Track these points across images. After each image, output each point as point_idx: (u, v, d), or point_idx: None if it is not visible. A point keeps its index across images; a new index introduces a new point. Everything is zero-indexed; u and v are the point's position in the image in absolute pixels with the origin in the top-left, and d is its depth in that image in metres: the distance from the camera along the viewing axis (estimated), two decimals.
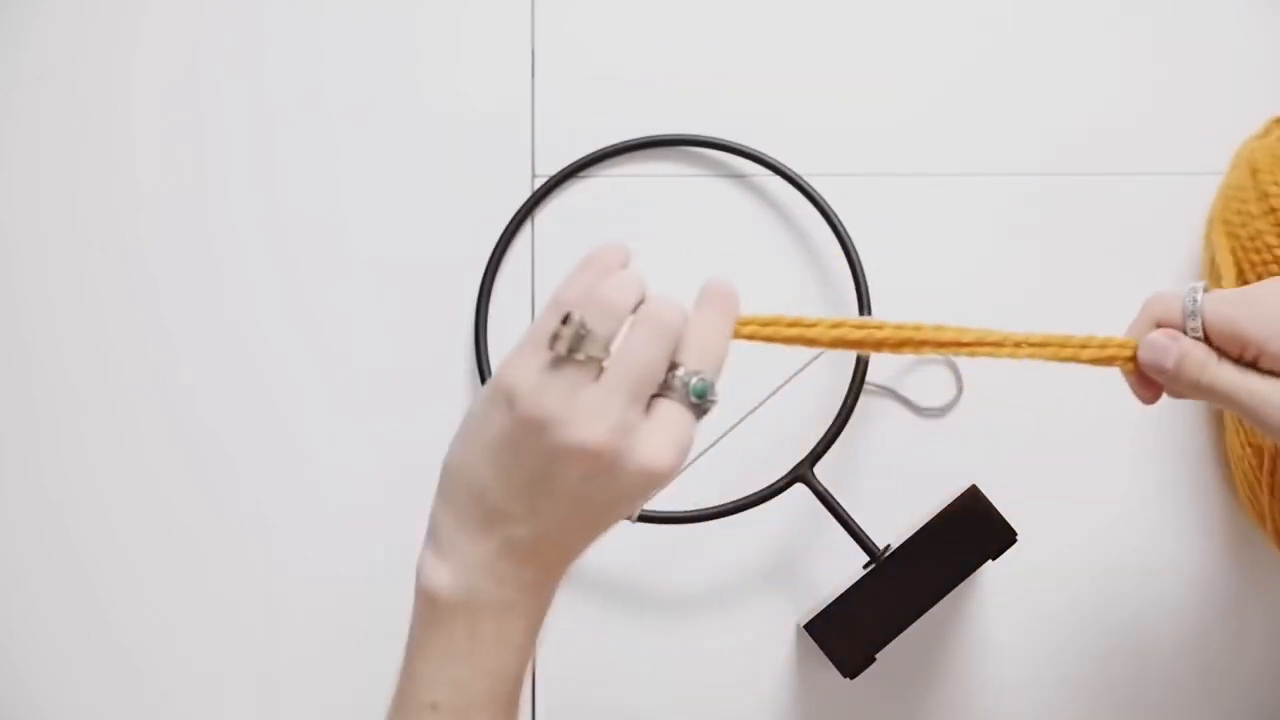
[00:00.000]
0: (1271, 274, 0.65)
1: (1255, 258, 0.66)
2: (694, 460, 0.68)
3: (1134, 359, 0.55)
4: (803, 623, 0.67)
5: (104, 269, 0.75)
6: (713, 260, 0.74)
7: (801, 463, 0.69)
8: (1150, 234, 0.74)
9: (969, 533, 0.65)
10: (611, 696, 0.73)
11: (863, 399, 0.70)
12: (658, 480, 0.48)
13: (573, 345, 0.47)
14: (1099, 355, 0.55)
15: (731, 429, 0.69)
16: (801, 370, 0.70)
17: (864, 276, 0.71)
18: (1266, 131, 0.71)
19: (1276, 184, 0.66)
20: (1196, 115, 0.75)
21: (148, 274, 0.75)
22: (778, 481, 0.70)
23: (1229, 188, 0.70)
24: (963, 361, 0.73)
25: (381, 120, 0.75)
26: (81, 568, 0.73)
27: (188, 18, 0.76)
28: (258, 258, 0.75)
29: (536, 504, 0.48)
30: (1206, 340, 0.53)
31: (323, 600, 0.73)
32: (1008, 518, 0.65)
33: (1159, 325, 0.54)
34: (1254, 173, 0.68)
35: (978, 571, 0.65)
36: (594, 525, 0.50)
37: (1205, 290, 0.54)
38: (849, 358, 0.71)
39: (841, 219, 0.72)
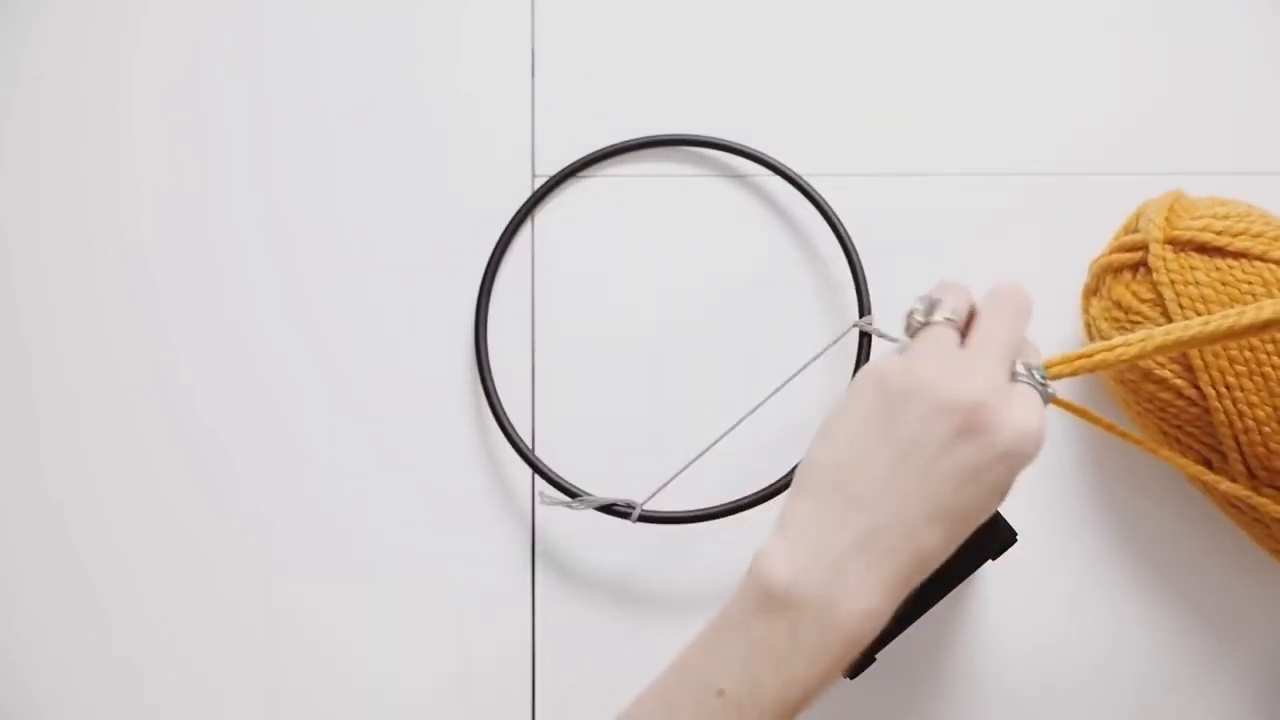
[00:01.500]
0: (1185, 423, 0.65)
1: (1163, 415, 0.66)
2: (694, 460, 0.68)
3: None
4: None
5: (104, 269, 0.75)
6: (713, 260, 0.74)
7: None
8: None
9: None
10: (611, 696, 0.73)
11: None
12: (1030, 442, 0.48)
13: (928, 310, 0.52)
14: None
15: (731, 429, 0.69)
16: (802, 370, 0.70)
17: (864, 276, 0.72)
18: (1095, 287, 0.69)
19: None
20: (1196, 115, 0.75)
21: (148, 274, 0.75)
22: (778, 481, 0.70)
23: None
24: None
25: (381, 120, 0.75)
26: (81, 568, 0.73)
27: (188, 18, 0.76)
28: (258, 257, 0.75)
29: (902, 483, 0.48)
30: None
31: (322, 600, 0.73)
32: (1008, 518, 0.65)
33: None
34: (1126, 312, 0.67)
35: (978, 571, 0.65)
36: (955, 514, 0.49)
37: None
38: (849, 357, 0.71)
39: (841, 219, 0.72)
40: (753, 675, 0.49)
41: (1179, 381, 0.65)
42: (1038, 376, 0.51)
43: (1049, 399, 0.52)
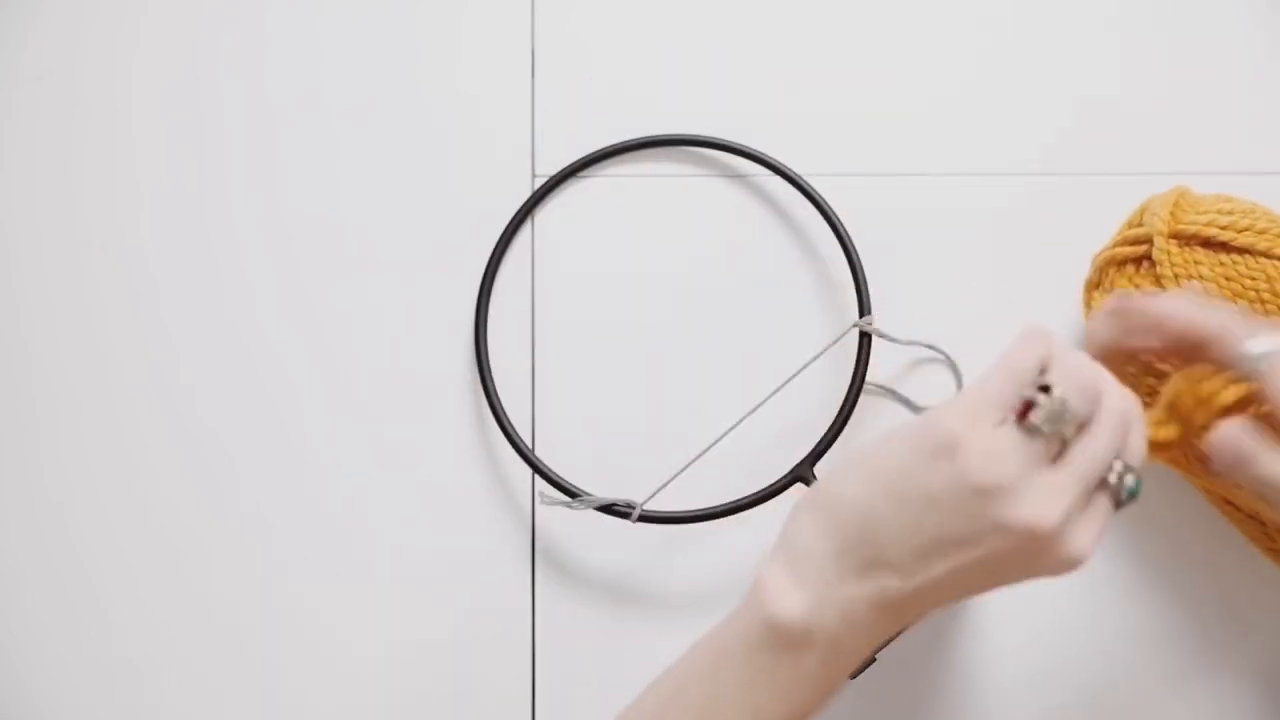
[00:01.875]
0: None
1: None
2: (694, 460, 0.68)
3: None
4: None
5: (104, 269, 0.75)
6: (713, 260, 0.74)
7: (801, 463, 0.69)
8: None
9: None
10: (612, 696, 0.73)
11: (863, 399, 0.70)
12: (1072, 569, 0.46)
13: (1051, 419, 0.45)
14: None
15: (731, 429, 0.69)
16: (802, 370, 0.70)
17: (864, 276, 0.71)
18: (1097, 280, 0.68)
19: None
20: (1197, 115, 0.75)
21: (148, 274, 0.75)
22: (778, 481, 0.70)
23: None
24: (963, 362, 0.73)
25: (381, 120, 0.75)
26: (81, 568, 0.73)
27: (188, 18, 0.76)
28: (257, 257, 0.75)
29: (934, 563, 0.46)
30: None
31: (322, 599, 0.73)
32: None
33: None
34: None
35: None
36: (971, 594, 0.48)
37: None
38: (849, 357, 0.71)
39: (841, 219, 0.72)
40: (755, 703, 0.48)
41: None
42: (1130, 486, 0.47)
43: (1135, 497, 0.49)
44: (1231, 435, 0.50)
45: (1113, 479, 0.47)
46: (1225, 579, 0.72)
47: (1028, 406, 0.45)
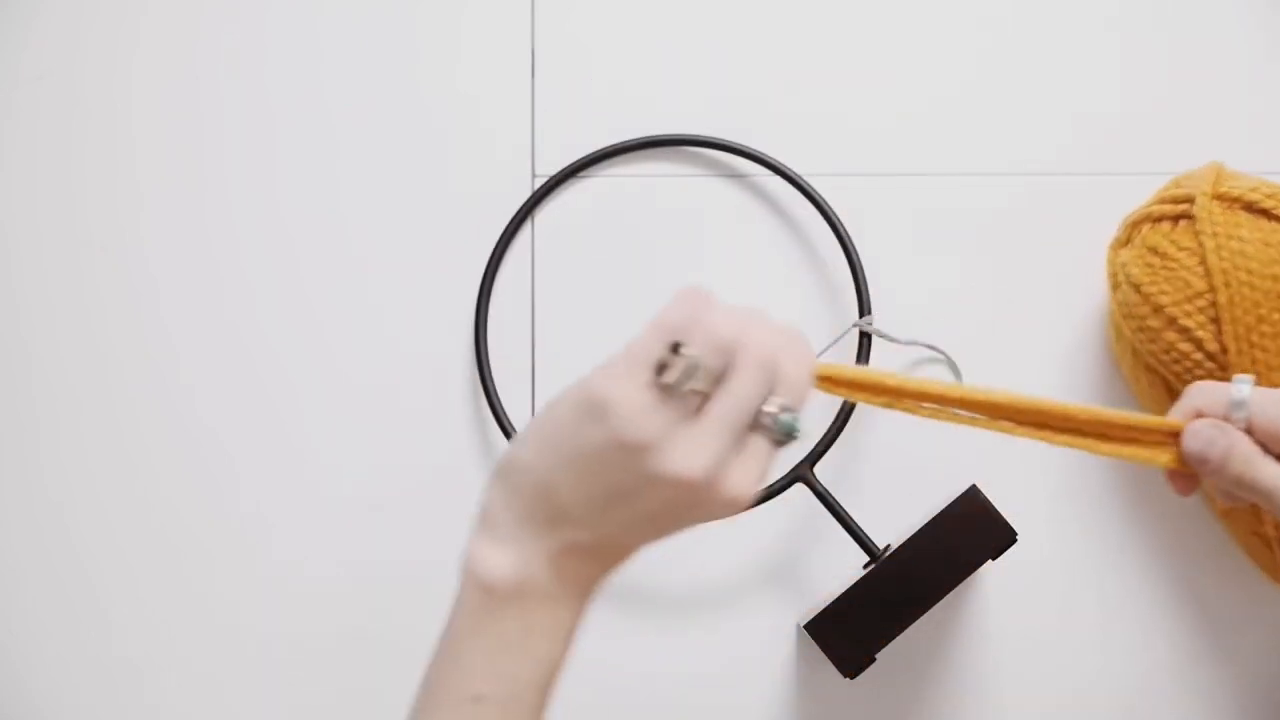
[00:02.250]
0: (1198, 379, 0.64)
1: (1177, 368, 0.65)
2: None
3: (1177, 448, 0.53)
4: (803, 623, 0.67)
5: (104, 269, 0.75)
6: (713, 260, 0.74)
7: (801, 463, 0.69)
8: None
9: (969, 533, 0.65)
10: (612, 696, 0.73)
11: None
12: (738, 509, 0.49)
13: (683, 377, 0.47)
14: (1141, 439, 0.53)
15: None
16: None
17: (864, 276, 0.71)
18: (1127, 238, 0.69)
19: (1164, 293, 0.65)
20: (1197, 115, 0.75)
21: (148, 274, 0.75)
22: (778, 481, 0.70)
23: (1123, 307, 0.68)
24: (963, 362, 0.73)
25: (381, 120, 0.75)
26: (81, 568, 0.73)
27: (188, 18, 0.76)
28: (257, 258, 0.75)
29: (610, 515, 0.49)
30: (1249, 435, 0.51)
31: (323, 600, 0.73)
32: (1008, 518, 0.65)
33: (1200, 416, 0.52)
34: (1138, 288, 0.66)
35: (978, 571, 0.65)
36: (658, 537, 0.50)
37: (1254, 383, 0.52)
38: (849, 357, 0.71)
39: (841, 219, 0.72)
40: (503, 672, 0.50)
41: (1202, 333, 0.65)
42: (785, 423, 0.48)
43: (790, 442, 0.49)
44: (1203, 434, 0.52)
45: (766, 421, 0.48)
46: (1223, 584, 0.72)
47: (661, 367, 0.47)
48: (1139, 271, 0.67)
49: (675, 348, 0.47)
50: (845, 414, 0.70)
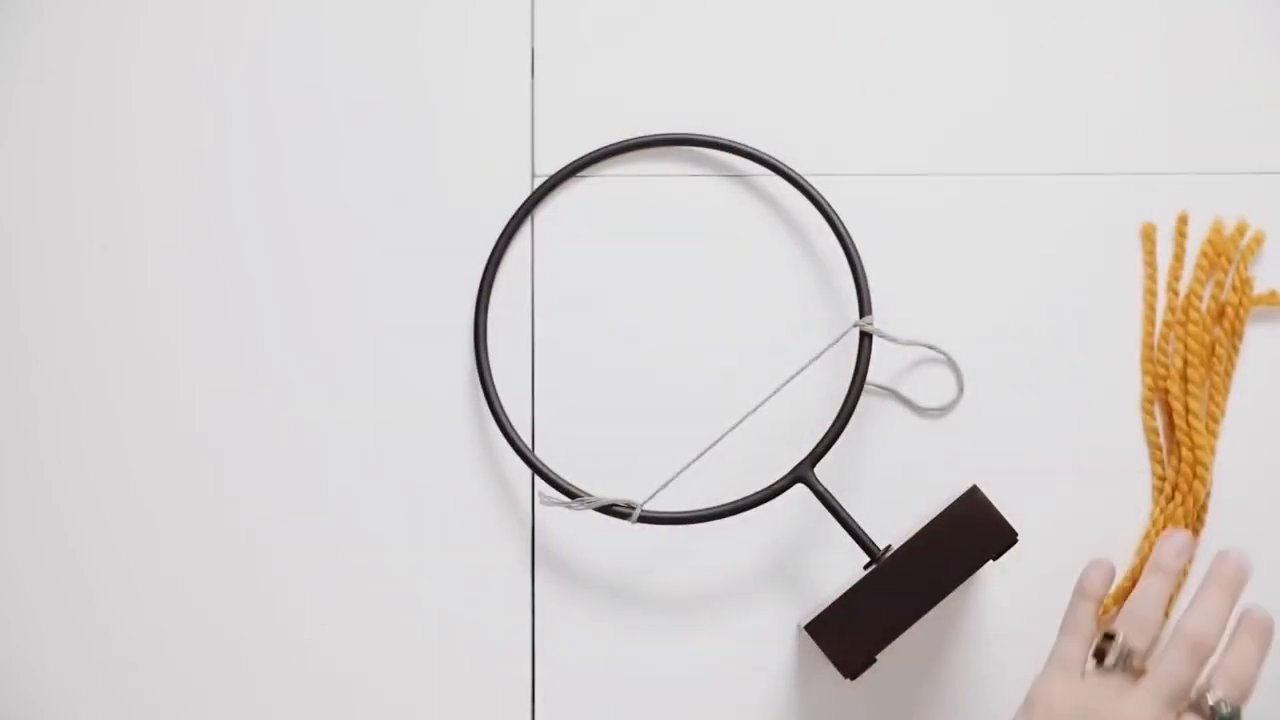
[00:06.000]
0: None
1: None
2: (694, 460, 0.68)
3: None
4: (803, 623, 0.67)
5: (104, 269, 0.75)
6: (713, 260, 0.74)
7: (801, 463, 0.69)
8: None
9: (969, 533, 0.65)
10: (611, 696, 0.73)
11: (863, 399, 0.70)
12: None
13: (1119, 661, 0.59)
14: None
15: (732, 429, 0.69)
16: (802, 370, 0.70)
17: (864, 276, 0.71)
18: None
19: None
20: (1209, 117, 0.75)
21: (148, 274, 0.75)
22: (778, 481, 0.70)
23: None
24: (963, 361, 0.73)
25: (382, 119, 0.75)
26: (80, 574, 0.73)
27: (188, 18, 0.76)
28: (258, 258, 0.75)
29: None
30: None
31: (322, 600, 0.73)
32: (1008, 518, 0.65)
33: None
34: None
35: (978, 571, 0.65)
36: None
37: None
38: (849, 357, 0.71)
39: (842, 219, 0.72)
40: None
41: None
42: (1224, 713, 0.57)
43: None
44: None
45: (1205, 706, 0.57)
46: None
47: (1102, 654, 0.60)
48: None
49: (1109, 636, 0.61)
50: (845, 414, 0.70)
